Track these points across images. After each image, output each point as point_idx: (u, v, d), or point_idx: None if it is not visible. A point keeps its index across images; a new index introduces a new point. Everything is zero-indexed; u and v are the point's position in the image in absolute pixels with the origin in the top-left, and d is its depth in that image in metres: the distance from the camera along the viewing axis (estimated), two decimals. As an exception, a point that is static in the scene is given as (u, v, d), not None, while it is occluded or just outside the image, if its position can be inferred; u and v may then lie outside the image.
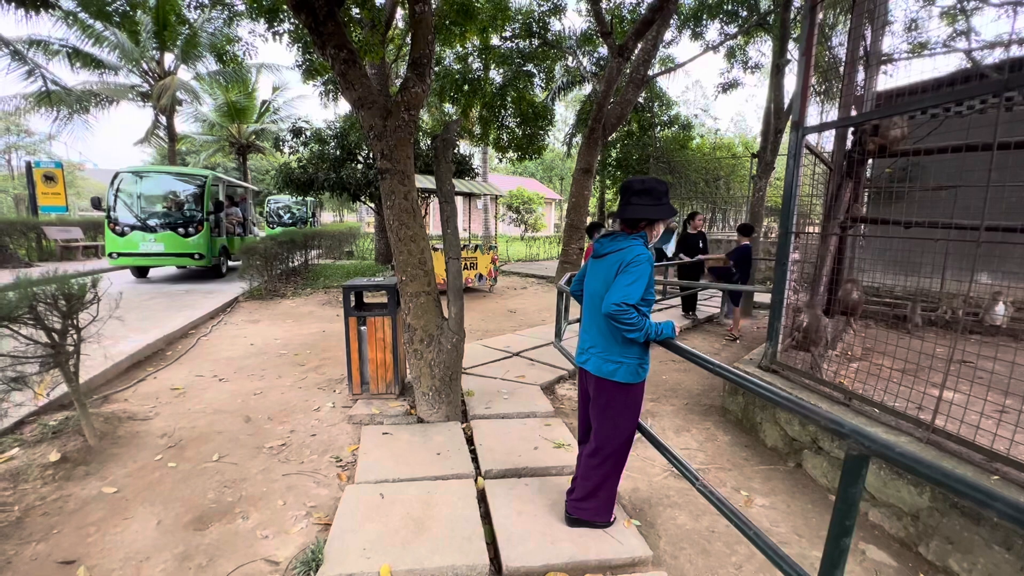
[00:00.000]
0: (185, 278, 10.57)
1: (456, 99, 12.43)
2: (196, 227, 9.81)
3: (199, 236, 9.79)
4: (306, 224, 19.17)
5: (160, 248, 9.62)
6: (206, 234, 9.83)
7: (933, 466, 1.03)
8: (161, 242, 9.62)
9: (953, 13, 9.74)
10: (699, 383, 4.79)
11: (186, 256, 9.75)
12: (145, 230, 9.63)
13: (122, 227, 9.54)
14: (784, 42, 9.01)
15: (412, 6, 3.57)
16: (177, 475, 2.91)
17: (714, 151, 17.04)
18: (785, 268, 3.57)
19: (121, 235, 9.52)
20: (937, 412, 2.53)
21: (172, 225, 9.74)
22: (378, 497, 2.61)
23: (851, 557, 2.38)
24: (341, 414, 3.80)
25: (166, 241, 9.63)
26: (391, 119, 3.37)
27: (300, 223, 19.35)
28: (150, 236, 9.60)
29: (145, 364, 4.91)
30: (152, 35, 14.64)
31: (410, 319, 3.50)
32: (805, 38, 3.50)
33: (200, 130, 23.14)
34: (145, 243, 9.58)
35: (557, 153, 36.78)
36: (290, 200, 19.81)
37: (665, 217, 2.17)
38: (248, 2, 8.59)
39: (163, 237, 9.65)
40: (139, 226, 9.63)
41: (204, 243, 9.81)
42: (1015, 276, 5.07)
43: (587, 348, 2.30)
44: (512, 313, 7.92)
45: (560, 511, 2.51)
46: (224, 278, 10.56)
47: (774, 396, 1.51)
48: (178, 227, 9.73)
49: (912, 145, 4.18)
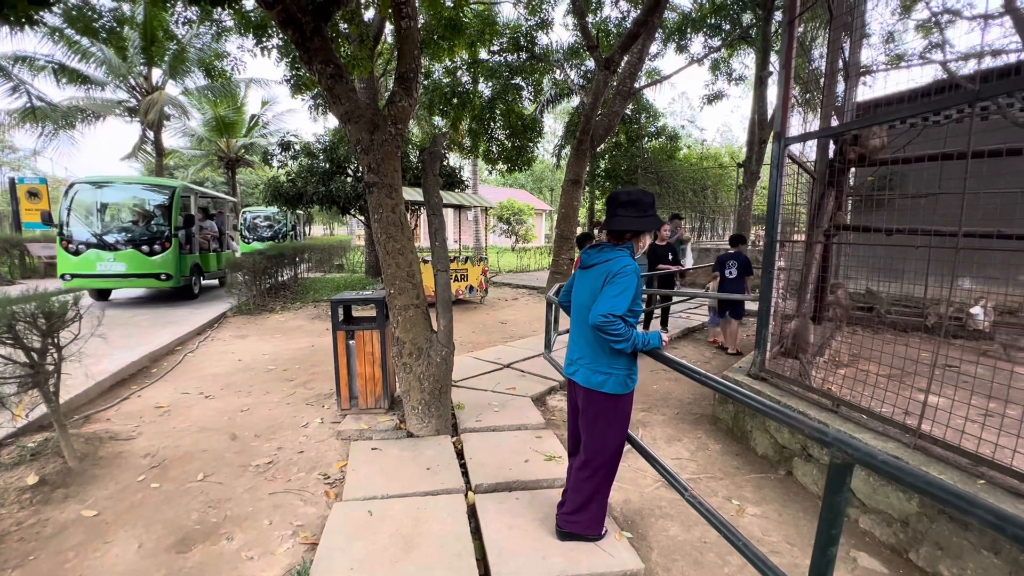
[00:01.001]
0: (149, 301, 9.41)
1: (445, 112, 12.53)
2: (163, 244, 8.70)
3: (166, 254, 8.69)
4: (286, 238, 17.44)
5: (121, 268, 8.46)
6: (174, 251, 8.76)
7: (914, 473, 1.03)
8: (122, 261, 8.47)
9: (928, 26, 10.03)
10: (690, 392, 4.80)
11: (150, 277, 8.60)
12: (103, 248, 8.46)
13: (76, 245, 8.38)
14: (766, 55, 9.22)
15: (398, 22, 3.60)
16: (160, 496, 2.84)
17: (701, 161, 17.27)
18: (771, 276, 3.60)
19: (75, 254, 8.36)
20: (923, 417, 2.55)
21: (135, 242, 8.61)
22: (366, 514, 2.57)
23: (843, 565, 2.37)
24: (330, 430, 3.75)
25: (128, 260, 8.49)
26: (378, 133, 3.37)
27: (279, 237, 17.49)
28: (109, 255, 8.44)
29: (129, 382, 4.83)
30: (139, 50, 14.63)
31: (399, 332, 3.48)
32: (784, 51, 3.57)
33: (188, 144, 23.05)
34: (103, 263, 8.43)
35: (547, 164, 37.08)
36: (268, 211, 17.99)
37: (650, 228, 2.18)
38: (236, 18, 8.64)
39: (124, 256, 8.49)
40: (96, 243, 8.45)
41: (172, 262, 8.71)
42: (995, 281, 5.17)
43: (575, 359, 2.30)
44: (503, 324, 7.91)
45: (551, 525, 2.48)
46: (197, 299, 9.59)
47: (759, 405, 1.52)
48: (142, 244, 8.62)
49: (892, 154, 4.27)
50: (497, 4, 12.52)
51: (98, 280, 8.54)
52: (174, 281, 8.79)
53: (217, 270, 10.97)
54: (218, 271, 11.00)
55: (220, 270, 11.00)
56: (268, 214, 17.93)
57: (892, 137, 5.24)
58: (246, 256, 9.14)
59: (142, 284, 8.71)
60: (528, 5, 11.45)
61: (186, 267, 9.20)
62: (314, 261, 13.76)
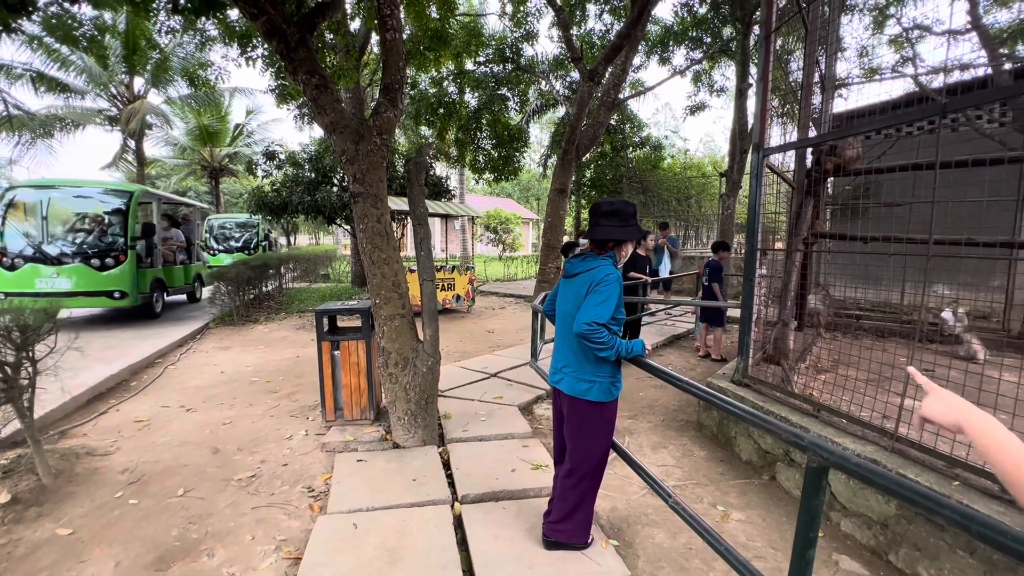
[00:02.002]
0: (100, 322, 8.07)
1: (432, 122, 12.58)
2: (117, 256, 7.55)
3: (121, 268, 7.53)
4: (258, 249, 15.62)
5: (66, 285, 7.25)
6: (130, 265, 7.62)
7: (885, 475, 1.06)
8: (68, 277, 7.29)
9: (900, 41, 10.38)
10: (675, 399, 4.84)
11: (102, 295, 7.43)
12: (45, 262, 7.27)
13: (12, 258, 7.20)
14: (745, 67, 9.43)
15: (383, 34, 3.63)
16: (138, 512, 2.78)
17: (684, 171, 17.55)
18: (752, 284, 3.67)
19: (11, 269, 7.17)
20: (899, 420, 2.61)
21: (84, 254, 7.45)
22: (351, 527, 2.54)
23: (825, 568, 2.41)
24: (314, 442, 3.71)
25: (75, 275, 7.31)
26: (363, 143, 3.38)
27: (250, 248, 15.73)
28: (51, 270, 7.26)
29: (107, 396, 4.72)
30: (121, 59, 14.48)
31: (384, 342, 3.47)
32: (762, 64, 3.67)
33: (171, 154, 22.79)
34: (44, 279, 7.23)
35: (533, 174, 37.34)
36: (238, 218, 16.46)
37: (633, 238, 2.22)
38: (221, 28, 8.60)
39: (71, 271, 7.31)
40: (36, 257, 7.27)
41: (127, 277, 7.57)
42: (968, 286, 5.32)
43: (560, 368, 2.32)
44: (490, 333, 7.90)
45: (538, 534, 2.47)
46: (159, 319, 8.46)
47: (738, 411, 1.55)
48: (92, 257, 7.44)
49: (867, 164, 4.40)
50: (483, 16, 12.67)
51: (39, 299, 7.02)
52: (130, 299, 7.63)
53: (185, 284, 9.96)
54: (186, 285, 10.02)
55: (188, 284, 10.10)
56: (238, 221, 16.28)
57: (867, 148, 5.41)
58: (229, 266, 8.95)
59: (92, 303, 7.52)
60: (513, 17, 11.59)
61: (145, 283, 8.06)
62: (299, 271, 13.63)
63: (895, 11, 10.58)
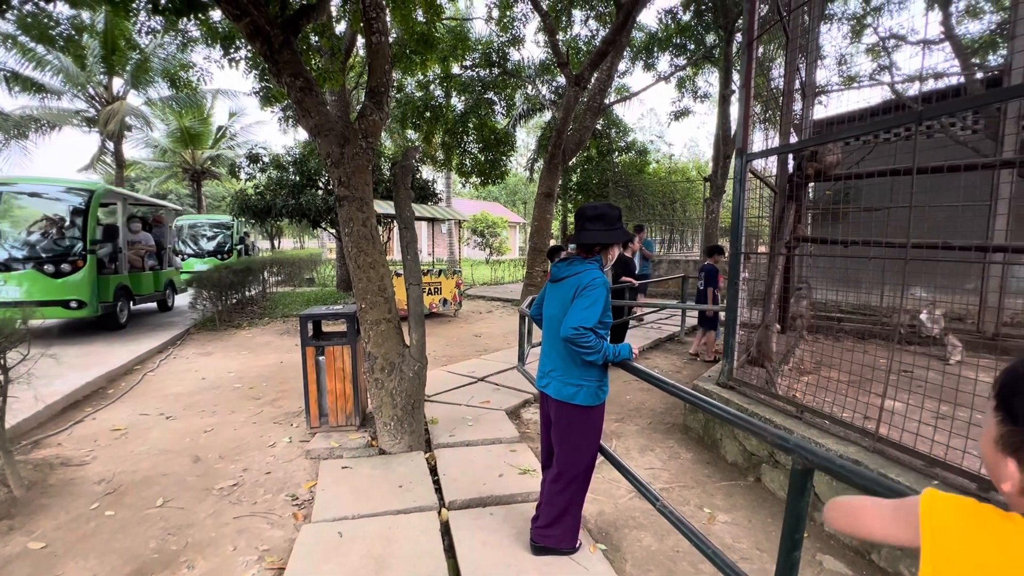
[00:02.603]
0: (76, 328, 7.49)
1: (418, 125, 12.55)
2: (75, 262, 6.85)
3: (79, 275, 6.83)
4: (232, 254, 14.54)
5: (15, 294, 6.58)
6: (89, 271, 6.92)
7: (867, 476, 1.08)
8: (18, 284, 6.63)
9: (877, 50, 10.65)
10: (662, 402, 4.87)
11: (57, 304, 6.71)
12: None
13: None
14: (728, 74, 9.59)
15: (369, 37, 3.62)
16: (115, 524, 2.70)
17: (669, 175, 17.74)
18: (737, 288, 3.71)
19: None
20: (880, 421, 2.66)
21: (36, 259, 6.77)
22: (336, 536, 2.50)
23: (809, 568, 2.43)
24: (298, 449, 3.65)
25: (27, 283, 6.65)
26: (348, 147, 3.36)
27: (224, 253, 14.58)
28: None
29: (83, 404, 4.59)
30: (100, 59, 14.19)
31: (370, 347, 3.43)
32: (744, 72, 3.73)
33: (151, 156, 22.37)
34: None
35: (520, 178, 37.43)
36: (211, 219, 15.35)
37: (618, 241, 2.24)
38: (203, 29, 8.48)
39: (22, 277, 6.64)
40: None
41: (86, 284, 6.86)
42: (944, 289, 5.46)
43: (547, 372, 2.31)
44: (477, 337, 7.88)
45: (526, 540, 2.46)
46: (125, 330, 7.74)
47: (723, 414, 1.56)
48: (46, 262, 6.76)
49: (847, 170, 4.49)
50: (469, 20, 12.70)
51: None
52: (89, 309, 6.92)
53: (155, 292, 9.24)
54: (156, 293, 9.30)
55: (159, 292, 9.40)
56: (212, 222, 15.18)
57: (847, 153, 5.53)
58: (211, 271, 8.77)
59: (47, 314, 6.68)
60: (500, 22, 11.64)
61: (108, 291, 7.39)
62: (283, 275, 13.46)
63: (872, 21, 10.86)
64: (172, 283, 10.06)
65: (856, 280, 4.68)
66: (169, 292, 9.91)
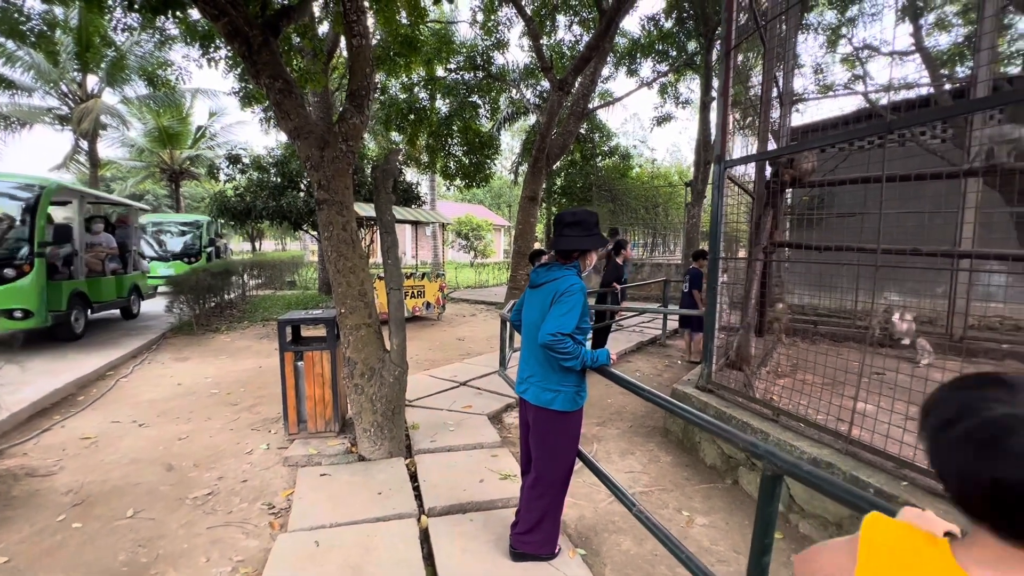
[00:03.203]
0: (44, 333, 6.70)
1: (402, 127, 12.48)
2: (20, 267, 6.16)
3: (24, 281, 6.10)
4: (199, 257, 13.44)
5: None
6: (37, 277, 6.20)
7: (833, 483, 1.10)
8: None
9: (851, 60, 10.94)
10: (643, 405, 4.90)
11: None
12: None
13: None
14: (709, 81, 9.75)
15: (350, 39, 3.59)
16: (83, 536, 2.62)
17: (652, 180, 17.95)
18: (716, 292, 3.76)
19: None
20: (852, 424, 2.72)
21: None
22: (313, 545, 2.46)
23: (784, 570, 2.47)
24: (276, 456, 3.59)
25: None
26: (328, 150, 3.32)
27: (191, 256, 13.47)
28: None
29: (51, 411, 4.45)
30: (73, 56, 13.82)
31: (350, 352, 3.39)
32: (723, 79, 3.80)
33: (128, 156, 21.82)
34: None
35: (504, 181, 37.48)
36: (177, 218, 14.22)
37: (596, 247, 2.25)
38: (182, 27, 8.32)
39: None
40: None
41: (33, 291, 6.15)
42: (915, 293, 5.61)
43: (526, 377, 2.32)
44: (460, 341, 7.85)
45: (505, 546, 2.45)
46: (80, 341, 7.00)
47: (698, 421, 1.58)
48: None
49: (822, 176, 4.60)
50: (454, 23, 12.69)
51: None
52: (37, 319, 6.20)
53: (118, 298, 8.35)
54: (119, 299, 8.39)
55: (122, 298, 8.48)
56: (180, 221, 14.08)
57: (823, 160, 5.66)
58: (187, 274, 8.56)
59: None
60: (484, 26, 11.66)
61: (60, 298, 6.66)
62: (264, 278, 13.24)
63: (846, 31, 11.16)
64: (138, 288, 9.16)
65: (831, 284, 4.78)
66: (134, 298, 9.05)
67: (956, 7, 10.14)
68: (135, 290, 9.01)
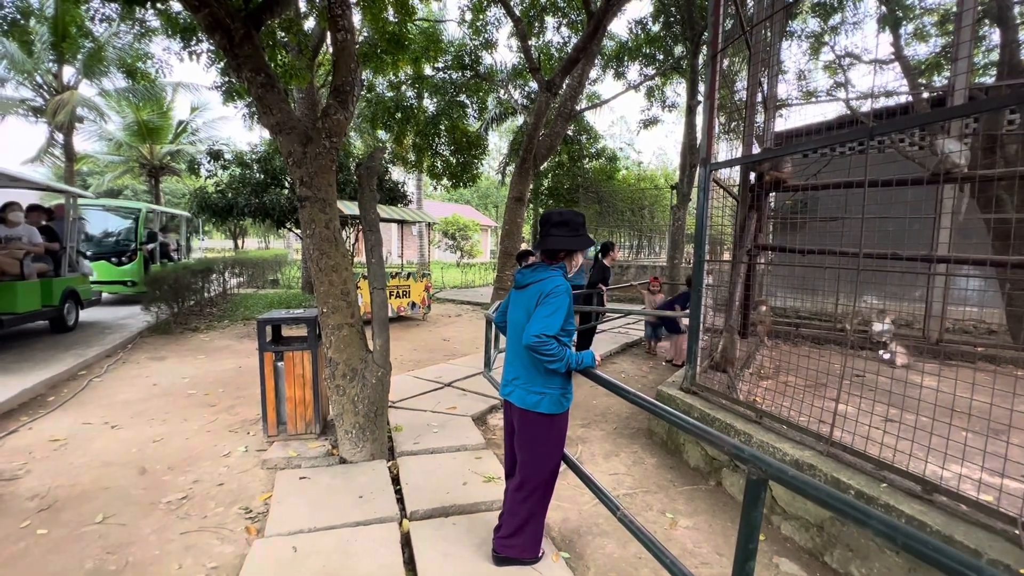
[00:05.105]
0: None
1: (389, 126, 12.38)
2: None
3: None
4: (135, 257, 10.32)
5: None
6: None
7: (819, 488, 1.09)
8: None
9: (833, 67, 11.14)
10: (627, 407, 4.91)
11: None
12: None
13: None
14: (695, 85, 9.83)
15: (334, 34, 3.53)
16: (48, 543, 2.52)
17: (638, 182, 18.07)
18: (700, 294, 3.77)
19: None
20: (834, 426, 2.74)
21: None
22: (290, 551, 2.40)
23: (766, 571, 2.48)
24: (254, 459, 3.50)
25: None
26: (311, 146, 3.26)
27: (121, 256, 10.28)
28: None
29: (18, 412, 4.29)
30: (49, 46, 13.42)
31: (332, 353, 3.33)
32: (709, 84, 3.81)
33: (105, 150, 21.24)
34: None
35: (491, 181, 37.44)
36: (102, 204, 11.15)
37: (582, 247, 2.23)
38: (162, 19, 8.13)
39: None
40: None
41: None
42: (894, 297, 5.72)
43: (511, 380, 2.29)
44: (445, 342, 7.79)
45: (488, 550, 2.42)
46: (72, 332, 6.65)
47: (683, 424, 1.56)
48: None
49: (806, 180, 4.65)
50: (442, 22, 12.62)
51: None
52: None
53: (44, 307, 6.68)
54: (46, 308, 6.73)
55: (51, 307, 6.80)
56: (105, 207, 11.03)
57: (806, 165, 5.73)
58: (168, 271, 8.32)
59: None
60: (472, 25, 11.62)
61: None
62: (246, 276, 13.01)
63: (829, 39, 11.35)
64: (75, 293, 7.38)
65: (813, 288, 4.84)
66: (70, 306, 7.22)
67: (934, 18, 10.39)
68: (71, 296, 7.25)
